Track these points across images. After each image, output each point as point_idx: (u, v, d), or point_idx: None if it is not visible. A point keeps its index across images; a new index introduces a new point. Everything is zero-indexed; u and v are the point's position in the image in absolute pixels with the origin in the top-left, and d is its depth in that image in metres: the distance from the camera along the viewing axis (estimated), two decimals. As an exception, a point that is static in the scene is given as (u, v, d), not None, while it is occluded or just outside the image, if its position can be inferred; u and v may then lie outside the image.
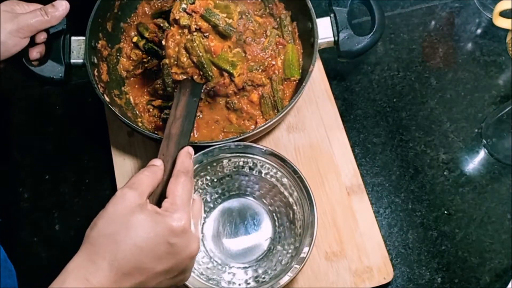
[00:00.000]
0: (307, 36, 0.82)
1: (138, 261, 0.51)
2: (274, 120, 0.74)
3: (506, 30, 0.93)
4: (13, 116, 0.91)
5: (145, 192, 0.55)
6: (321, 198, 0.81)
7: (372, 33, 0.79)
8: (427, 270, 0.80)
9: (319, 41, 0.79)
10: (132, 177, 0.56)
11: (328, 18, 0.81)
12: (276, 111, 0.81)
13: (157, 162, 0.60)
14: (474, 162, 0.87)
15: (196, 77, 0.73)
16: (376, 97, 0.92)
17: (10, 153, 0.89)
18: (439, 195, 0.84)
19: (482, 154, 0.87)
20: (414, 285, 0.79)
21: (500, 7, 0.88)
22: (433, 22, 0.98)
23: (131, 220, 0.52)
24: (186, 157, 0.60)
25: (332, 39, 0.80)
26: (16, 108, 0.92)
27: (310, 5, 0.80)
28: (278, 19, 0.87)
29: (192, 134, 0.80)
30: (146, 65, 0.84)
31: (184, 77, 0.73)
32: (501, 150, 0.85)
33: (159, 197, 0.58)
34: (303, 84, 0.76)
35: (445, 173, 0.86)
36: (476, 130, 0.89)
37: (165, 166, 0.60)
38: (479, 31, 0.96)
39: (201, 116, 0.82)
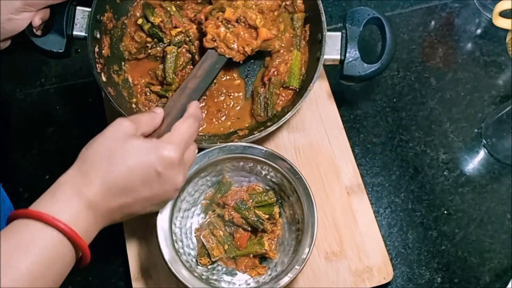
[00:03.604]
0: (315, 47, 0.80)
1: (128, 183, 0.54)
2: (261, 135, 0.75)
3: (506, 30, 0.93)
4: (13, 116, 0.91)
5: (141, 128, 0.58)
6: (321, 198, 0.81)
7: (379, 62, 0.77)
8: (427, 270, 0.80)
9: (325, 57, 0.78)
10: (133, 115, 0.61)
11: (339, 34, 0.79)
12: (266, 114, 0.81)
13: (158, 110, 0.63)
14: (474, 162, 0.87)
15: (225, 50, 0.77)
16: (376, 97, 0.92)
17: (10, 153, 0.89)
18: (439, 195, 0.84)
19: (482, 154, 0.87)
20: (414, 285, 0.79)
21: (500, 7, 0.88)
22: (433, 22, 0.97)
23: (126, 144, 0.55)
24: (198, 108, 0.64)
25: (338, 57, 0.78)
26: (16, 108, 0.92)
27: (323, 18, 0.78)
28: (290, 19, 0.85)
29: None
30: (149, 51, 0.83)
31: (215, 45, 0.77)
32: (501, 150, 0.85)
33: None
34: (300, 102, 0.75)
35: (445, 173, 0.86)
36: (476, 130, 0.89)
37: (171, 112, 0.66)
38: (479, 31, 0.96)
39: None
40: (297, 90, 0.82)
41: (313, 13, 0.82)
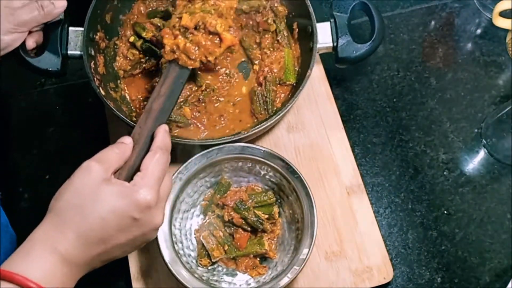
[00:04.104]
0: (306, 40, 0.82)
1: (104, 233, 0.53)
2: (265, 126, 0.75)
3: (506, 30, 0.93)
4: (13, 116, 0.91)
5: (111, 167, 0.56)
6: (321, 198, 0.81)
7: (371, 41, 0.79)
8: (427, 270, 0.80)
9: (318, 45, 0.79)
10: (100, 152, 0.57)
11: (328, 23, 0.81)
12: (266, 112, 0.81)
13: (127, 140, 0.60)
14: (474, 162, 0.87)
15: (186, 61, 0.71)
16: (376, 97, 0.92)
17: (10, 153, 0.89)
18: (439, 195, 0.84)
19: (482, 154, 0.87)
20: (414, 285, 0.79)
21: (500, 7, 0.88)
22: (433, 22, 0.98)
23: (97, 193, 0.53)
24: (165, 134, 0.61)
25: (331, 44, 0.80)
26: (16, 108, 0.92)
27: (311, 9, 0.80)
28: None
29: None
30: (144, 65, 0.83)
31: (175, 56, 0.70)
32: (501, 150, 0.85)
33: (135, 171, 0.58)
34: (300, 88, 0.76)
35: (445, 173, 0.86)
36: (476, 130, 0.89)
37: (140, 140, 0.61)
38: (479, 31, 0.96)
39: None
40: (294, 84, 0.83)
41: (299, 10, 0.83)
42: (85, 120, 0.91)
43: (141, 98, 0.83)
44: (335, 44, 0.80)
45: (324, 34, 0.80)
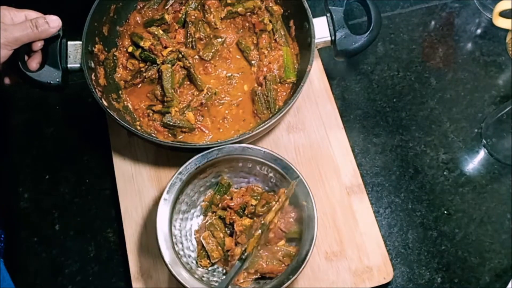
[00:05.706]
0: (304, 36, 0.82)
1: None
2: (270, 123, 0.75)
3: (506, 30, 0.93)
4: (13, 116, 0.91)
5: None
6: (321, 198, 0.81)
7: (368, 32, 0.79)
8: (427, 270, 0.80)
9: (316, 40, 0.79)
10: None
11: (325, 17, 0.81)
12: (269, 111, 0.81)
13: None
14: (474, 162, 0.87)
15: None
16: (376, 97, 0.92)
17: (10, 153, 0.89)
18: (439, 195, 0.84)
19: (482, 154, 0.87)
20: (414, 285, 0.79)
21: (500, 7, 0.88)
22: (433, 22, 0.98)
23: None
24: None
25: (329, 38, 0.81)
26: (16, 108, 0.92)
27: (306, 5, 0.80)
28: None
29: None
30: (144, 74, 0.83)
31: None
32: (501, 150, 0.85)
33: None
34: (302, 84, 0.76)
35: (445, 173, 0.86)
36: (476, 130, 0.89)
37: None
38: (479, 31, 0.96)
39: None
40: (295, 82, 0.83)
41: (294, 8, 0.83)
42: (85, 120, 0.91)
43: (144, 106, 0.83)
44: (333, 38, 0.80)
45: (321, 29, 0.80)
